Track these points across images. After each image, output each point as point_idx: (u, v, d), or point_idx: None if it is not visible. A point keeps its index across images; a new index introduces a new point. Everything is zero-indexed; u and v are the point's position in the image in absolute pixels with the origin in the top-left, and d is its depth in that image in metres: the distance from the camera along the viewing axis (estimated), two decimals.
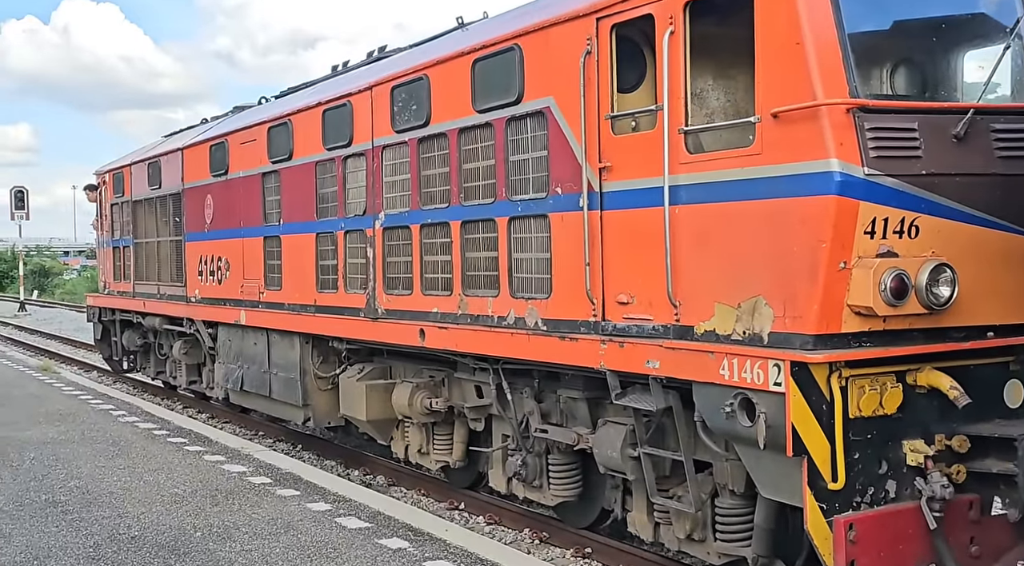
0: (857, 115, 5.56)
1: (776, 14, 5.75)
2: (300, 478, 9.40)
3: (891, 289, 5.54)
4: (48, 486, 9.20)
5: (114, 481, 9.34)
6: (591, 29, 6.94)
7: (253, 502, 8.50)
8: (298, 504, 8.42)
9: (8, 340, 29.55)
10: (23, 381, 17.47)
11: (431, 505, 9.75)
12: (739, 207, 5.99)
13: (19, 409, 13.96)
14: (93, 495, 8.83)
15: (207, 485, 9.15)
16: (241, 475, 9.51)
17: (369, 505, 8.34)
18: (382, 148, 9.44)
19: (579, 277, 7.06)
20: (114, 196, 17.94)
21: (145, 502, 8.55)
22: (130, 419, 13.02)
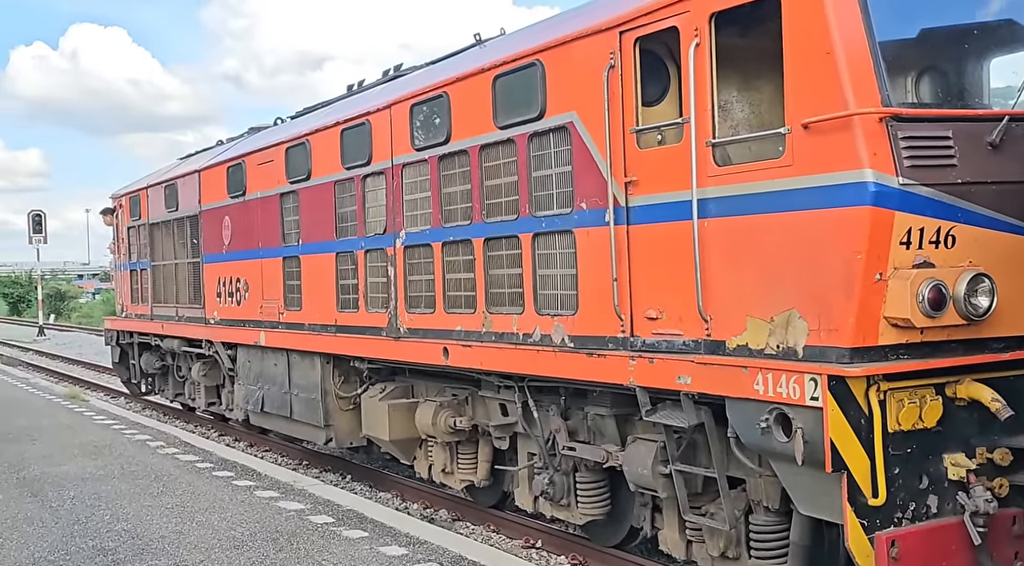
0: (890, 124, 5.47)
1: (805, 23, 5.68)
2: (365, 516, 8.74)
3: (929, 300, 5.44)
4: (94, 530, 8.52)
5: (164, 523, 8.67)
6: (614, 43, 6.88)
7: (320, 546, 7.81)
8: (370, 548, 7.73)
9: (31, 366, 29.38)
10: (52, 410, 16.98)
11: (503, 543, 9.14)
12: (770, 219, 5.91)
13: (52, 441, 13.36)
14: (144, 540, 8.14)
15: (265, 526, 8.45)
16: (300, 513, 8.86)
17: (448, 547, 7.68)
18: (402, 166, 9.39)
19: (606, 293, 6.98)
20: (131, 219, 17.95)
21: (202, 548, 7.86)
22: (169, 450, 12.38)
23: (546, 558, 8.71)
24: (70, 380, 24.36)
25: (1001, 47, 6.49)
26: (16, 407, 17.38)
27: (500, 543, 9.01)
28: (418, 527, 8.47)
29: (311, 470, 12.66)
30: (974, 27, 6.24)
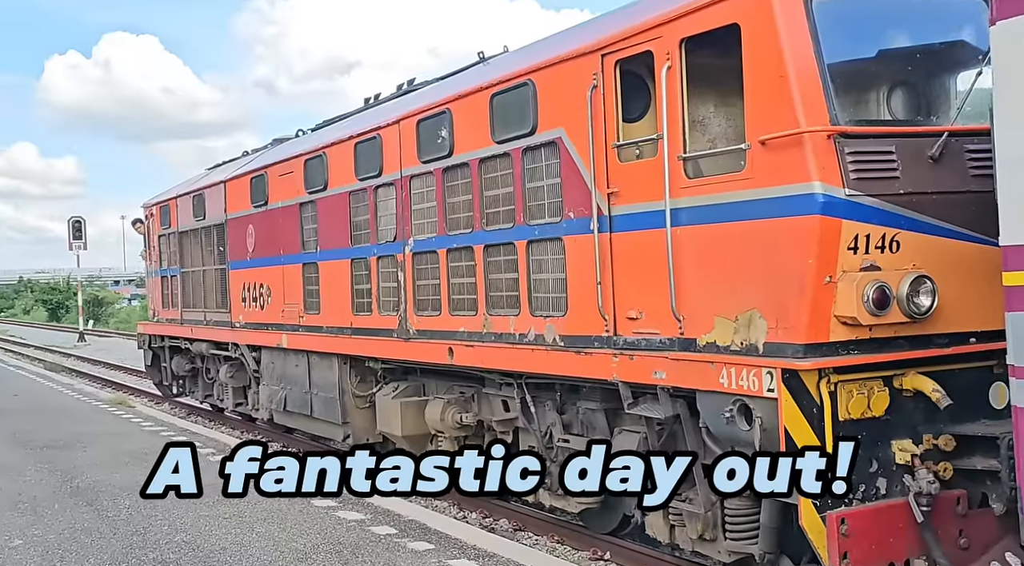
0: (837, 140, 6.03)
1: (761, 49, 6.25)
2: (427, 527, 8.50)
3: (873, 300, 5.98)
4: (153, 542, 8.32)
5: (223, 534, 8.45)
6: (596, 65, 7.48)
7: (386, 559, 7.61)
8: (438, 561, 7.54)
9: (73, 372, 29.63)
10: (100, 416, 16.99)
11: (570, 554, 8.82)
12: (734, 227, 6.48)
13: (102, 448, 13.26)
14: (205, 552, 7.95)
15: (327, 538, 8.22)
16: (360, 524, 8.61)
17: (519, 561, 7.50)
18: (410, 178, 10.03)
19: (592, 295, 7.57)
20: (161, 228, 18.73)
21: (265, 561, 7.69)
22: (219, 458, 11.80)
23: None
24: (113, 385, 24.73)
25: (955, 67, 7.02)
26: (64, 413, 17.56)
27: (567, 555, 8.77)
28: (483, 538, 8.26)
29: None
30: (925, 48, 6.77)
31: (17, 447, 13.69)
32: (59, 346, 42.47)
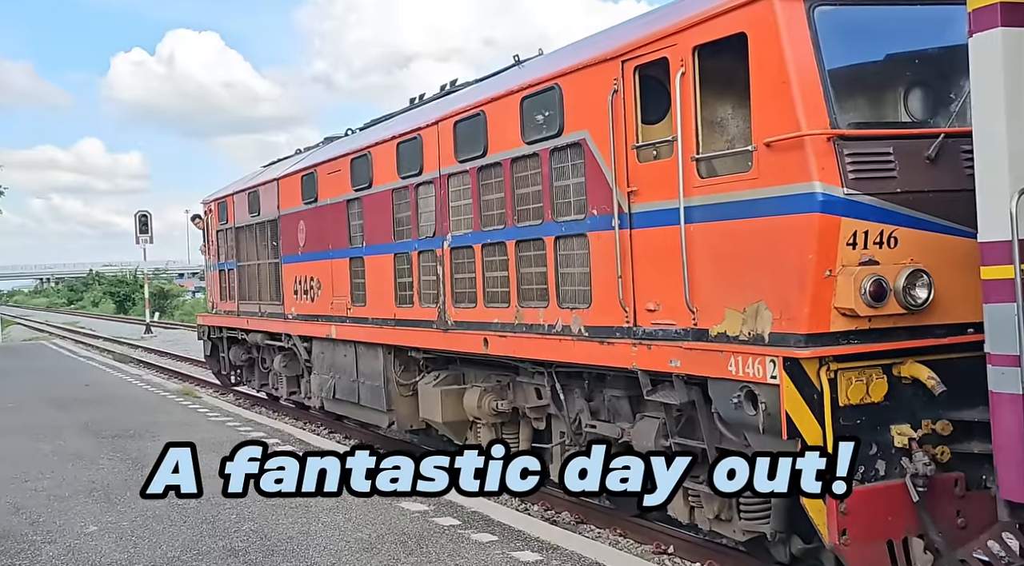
0: (836, 143, 6.39)
1: (766, 56, 6.63)
2: (491, 519, 8.56)
3: (870, 292, 6.34)
4: (222, 530, 8.52)
5: (290, 524, 8.60)
6: (617, 71, 7.90)
7: (451, 550, 7.68)
8: (502, 553, 7.57)
9: (141, 362, 30.33)
10: (167, 407, 17.34)
11: (632, 547, 8.80)
12: (742, 224, 6.87)
13: (170, 438, 12.74)
14: (272, 541, 8.13)
15: (391, 528, 8.36)
16: (424, 515, 8.71)
17: (583, 554, 7.53)
18: (448, 176, 10.53)
19: (613, 288, 8.01)
20: (219, 223, 19.47)
21: (331, 550, 7.83)
22: (286, 448, 12.27)
23: (680, 564, 8.40)
24: (180, 376, 25.32)
25: (948, 71, 7.28)
26: (133, 403, 17.99)
27: (630, 548, 8.78)
28: (546, 531, 8.32)
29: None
30: (922, 54, 7.09)
31: (90, 436, 14.15)
32: (126, 338, 43.72)
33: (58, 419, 16.21)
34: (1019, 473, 5.30)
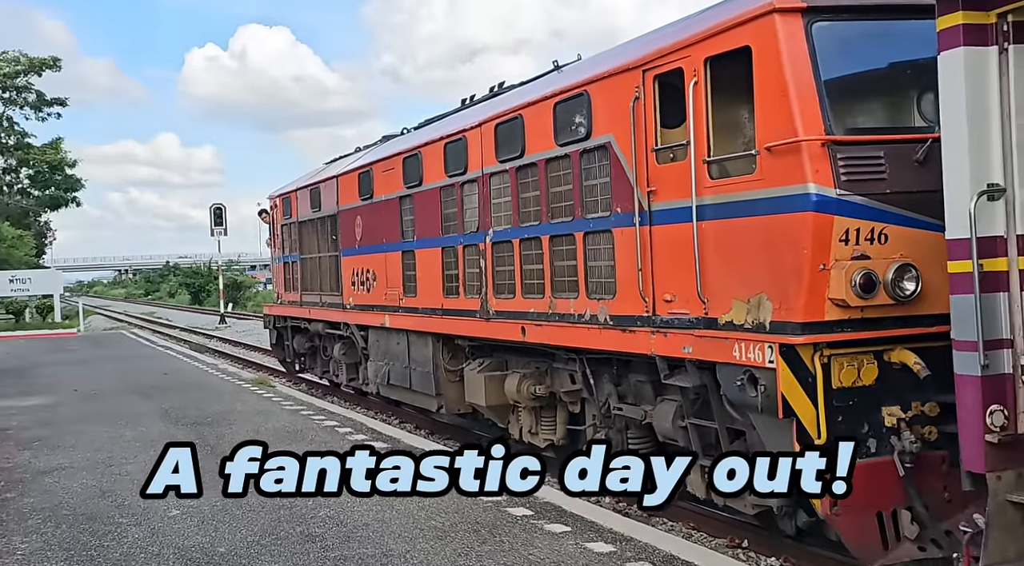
0: (830, 148, 6.99)
1: (767, 68, 7.24)
2: (563, 510, 8.61)
3: (860, 285, 6.92)
4: (299, 515, 8.70)
5: (365, 510, 8.72)
6: (638, 79, 8.56)
7: (524, 540, 7.75)
8: (575, 544, 7.63)
9: (216, 352, 31.08)
10: (243, 395, 17.59)
11: (706, 540, 8.84)
12: (747, 222, 7.49)
13: (247, 426, 13.83)
14: (349, 527, 8.29)
15: (465, 517, 8.46)
16: (497, 505, 8.75)
17: (656, 546, 7.54)
18: (489, 175, 11.26)
19: (634, 280, 8.68)
20: (283, 218, 20.46)
21: (406, 537, 7.94)
22: (358, 437, 12.60)
23: (755, 559, 8.36)
24: (254, 366, 25.70)
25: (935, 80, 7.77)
26: (210, 392, 18.30)
27: (703, 541, 8.80)
28: (619, 522, 8.33)
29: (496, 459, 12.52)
30: (907, 65, 7.61)
31: (170, 423, 14.59)
32: (202, 328, 44.54)
33: (139, 406, 16.73)
34: (978, 446, 5.85)
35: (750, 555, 8.38)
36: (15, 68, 61.86)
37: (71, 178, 68.15)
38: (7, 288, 44.45)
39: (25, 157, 65.52)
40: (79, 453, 12.31)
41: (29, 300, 49.52)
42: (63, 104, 65.14)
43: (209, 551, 7.84)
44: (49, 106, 64.51)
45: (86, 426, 14.54)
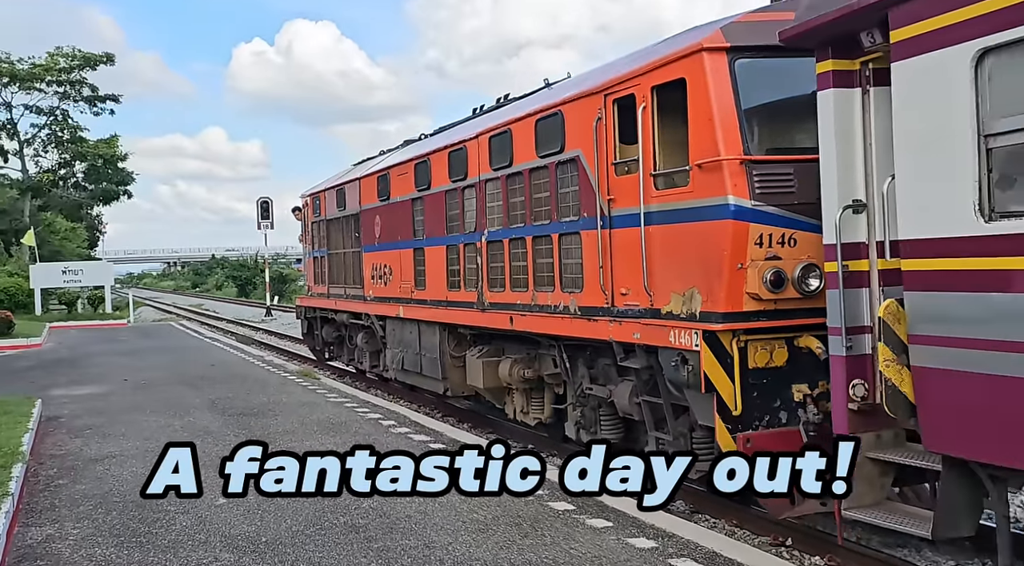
0: (747, 165, 8.28)
1: (698, 97, 8.55)
2: (605, 505, 8.65)
3: (770, 281, 8.21)
4: (343, 506, 8.80)
5: (408, 502, 8.79)
6: (601, 102, 9.89)
7: (565, 534, 7.83)
8: (616, 538, 7.68)
9: (262, 345, 31.29)
10: (288, 387, 17.82)
11: (749, 538, 8.86)
12: (683, 227, 8.81)
13: (292, 417, 14.10)
14: (392, 519, 8.43)
15: (507, 510, 8.56)
16: (539, 499, 8.85)
17: (699, 542, 7.58)
18: (485, 181, 12.65)
19: (597, 276, 10.02)
20: (313, 215, 21.99)
21: (448, 530, 8.06)
22: (401, 430, 12.76)
23: (799, 558, 8.34)
24: (299, 358, 25.68)
25: None
26: (256, 384, 18.53)
27: (746, 538, 8.81)
28: (662, 518, 8.33)
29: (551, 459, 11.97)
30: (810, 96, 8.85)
31: (217, 413, 14.81)
32: (248, 320, 45.09)
33: (187, 396, 16.97)
34: (843, 413, 7.11)
35: (794, 554, 8.40)
36: (70, 63, 63.01)
37: (123, 172, 69.27)
38: (60, 279, 45.80)
39: (80, 151, 66.65)
40: (129, 442, 12.61)
41: (81, 291, 50.76)
42: (116, 100, 66.44)
43: (255, 540, 8.02)
44: (103, 102, 65.75)
45: (136, 415, 14.89)
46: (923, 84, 6.04)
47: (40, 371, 22.76)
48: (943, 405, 6.13)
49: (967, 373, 5.88)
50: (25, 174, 65.55)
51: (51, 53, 63.22)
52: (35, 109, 65.07)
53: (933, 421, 6.23)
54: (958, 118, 5.80)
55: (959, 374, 5.94)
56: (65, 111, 65.82)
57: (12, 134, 65.40)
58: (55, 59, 62.89)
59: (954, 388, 6.00)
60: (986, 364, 5.72)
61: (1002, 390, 5.63)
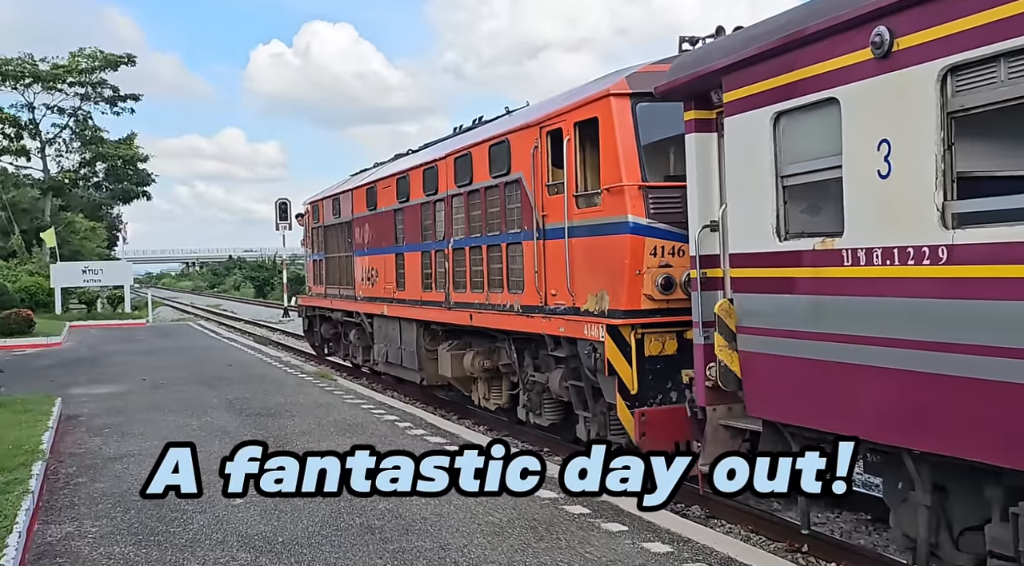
0: (644, 190, 10.15)
1: (607, 134, 10.42)
2: (620, 509, 8.67)
3: (661, 285, 10.07)
4: (359, 507, 8.84)
5: (423, 504, 8.82)
6: (537, 133, 11.78)
7: (580, 538, 7.83)
8: (632, 543, 7.68)
9: (280, 345, 31.38)
10: (305, 388, 17.93)
11: (765, 543, 8.87)
12: (596, 239, 10.67)
13: (309, 418, 14.17)
14: (407, 520, 8.44)
15: (522, 513, 8.56)
16: (554, 502, 8.90)
17: (714, 547, 7.56)
18: (451, 196, 14.55)
19: (534, 279, 11.90)
20: (313, 222, 23.97)
21: (464, 532, 8.06)
22: (417, 432, 12.86)
23: (815, 564, 8.33)
24: (316, 360, 25.52)
25: None
26: (273, 384, 18.59)
27: (762, 544, 8.81)
28: (676, 523, 8.36)
29: (554, 457, 12.19)
30: None
31: (234, 413, 14.93)
32: (266, 321, 45.54)
33: (205, 396, 17.03)
34: (702, 389, 8.93)
35: (810, 560, 8.38)
36: (92, 64, 63.74)
37: (143, 172, 70.24)
38: (80, 279, 46.44)
39: (100, 151, 67.48)
40: (147, 441, 12.58)
41: (101, 291, 50.92)
42: (136, 100, 67.37)
43: (271, 539, 8.03)
44: (123, 102, 66.63)
45: (154, 415, 14.95)
46: (742, 136, 7.89)
47: (60, 370, 23.02)
48: (758, 380, 7.97)
49: (771, 355, 7.72)
50: (46, 174, 66.62)
51: (73, 54, 64.13)
52: (57, 109, 66.21)
53: (753, 393, 8.08)
54: (764, 163, 7.64)
55: (767, 356, 7.79)
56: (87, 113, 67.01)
57: (34, 134, 66.45)
58: (76, 60, 63.52)
59: (764, 367, 7.85)
60: (781, 348, 7.57)
61: (791, 368, 7.48)
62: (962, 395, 5.91)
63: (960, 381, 5.91)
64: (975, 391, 5.81)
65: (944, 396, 6.05)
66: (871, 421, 6.74)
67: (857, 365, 6.76)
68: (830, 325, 7.02)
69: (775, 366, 7.69)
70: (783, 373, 7.61)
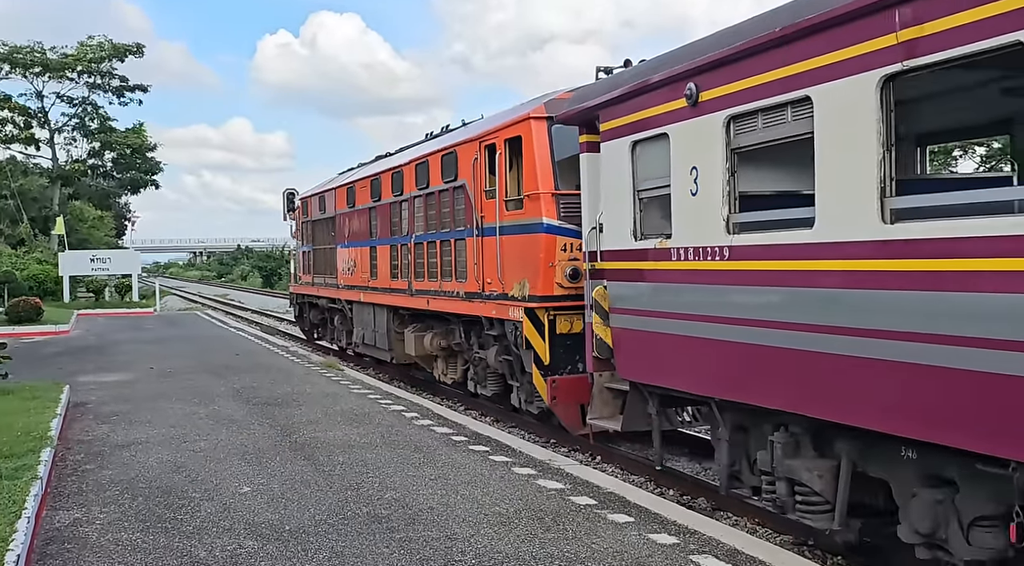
0: (556, 197, 12.32)
1: (528, 149, 12.60)
2: (627, 500, 8.75)
3: (569, 275, 12.24)
4: (366, 497, 8.89)
5: (430, 495, 8.94)
6: (477, 146, 13.97)
7: (587, 529, 7.82)
8: (638, 534, 7.66)
9: (287, 335, 31.52)
10: (312, 378, 18.11)
11: (771, 536, 8.86)
12: (519, 237, 12.85)
13: (315, 408, 14.30)
14: (414, 511, 8.44)
15: (529, 504, 8.60)
16: (561, 493, 8.97)
17: (721, 539, 7.54)
18: (414, 197, 16.74)
19: (473, 270, 14.09)
20: (302, 216, 26.18)
21: (470, 522, 8.04)
22: (424, 422, 12.97)
23: (821, 557, 8.34)
24: (323, 350, 25.69)
25: None
26: (280, 374, 18.81)
27: (767, 537, 8.79)
28: (683, 515, 8.38)
29: (560, 448, 12.60)
30: None
31: (242, 402, 15.06)
32: (273, 310, 45.54)
33: (212, 385, 17.19)
34: (590, 359, 11.04)
35: (816, 553, 8.41)
36: (99, 54, 63.68)
37: (151, 161, 70.30)
38: (88, 267, 46.39)
39: (108, 141, 67.48)
40: (155, 429, 12.75)
41: (109, 279, 51.20)
42: (144, 90, 67.37)
43: (278, 528, 8.02)
44: (131, 91, 66.57)
45: (162, 403, 15.09)
46: (612, 158, 10.06)
47: (68, 358, 23.25)
48: (624, 350, 10.14)
49: (631, 330, 9.90)
50: (55, 162, 66.69)
51: (82, 43, 64.01)
52: (66, 98, 66.09)
53: (621, 360, 10.25)
54: (626, 179, 9.81)
55: (628, 331, 9.96)
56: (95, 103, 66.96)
57: (43, 123, 66.43)
58: (85, 49, 63.46)
59: (627, 339, 10.02)
60: (636, 324, 9.75)
61: (644, 339, 9.66)
62: (737, 355, 8.09)
63: (736, 345, 8.09)
64: (744, 352, 7.99)
65: (729, 356, 8.23)
66: (692, 378, 8.93)
67: (681, 336, 8.94)
68: (665, 306, 9.20)
69: (634, 338, 9.87)
70: (639, 344, 9.79)
